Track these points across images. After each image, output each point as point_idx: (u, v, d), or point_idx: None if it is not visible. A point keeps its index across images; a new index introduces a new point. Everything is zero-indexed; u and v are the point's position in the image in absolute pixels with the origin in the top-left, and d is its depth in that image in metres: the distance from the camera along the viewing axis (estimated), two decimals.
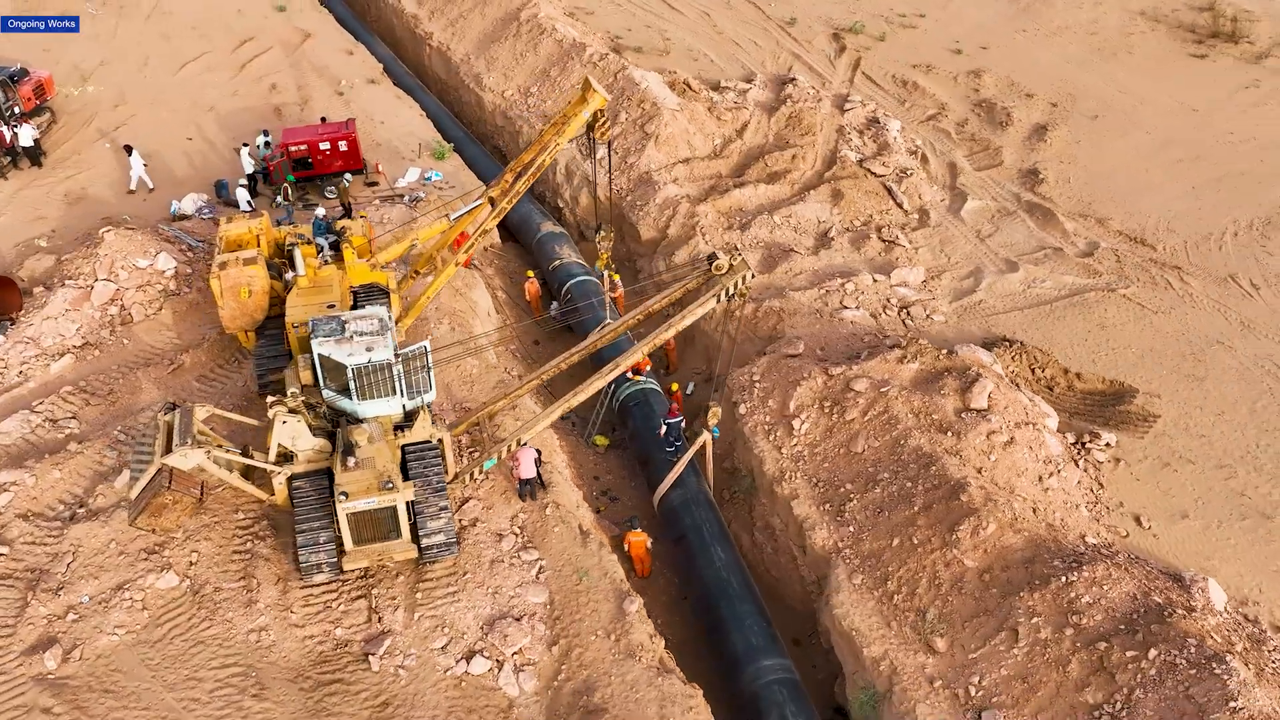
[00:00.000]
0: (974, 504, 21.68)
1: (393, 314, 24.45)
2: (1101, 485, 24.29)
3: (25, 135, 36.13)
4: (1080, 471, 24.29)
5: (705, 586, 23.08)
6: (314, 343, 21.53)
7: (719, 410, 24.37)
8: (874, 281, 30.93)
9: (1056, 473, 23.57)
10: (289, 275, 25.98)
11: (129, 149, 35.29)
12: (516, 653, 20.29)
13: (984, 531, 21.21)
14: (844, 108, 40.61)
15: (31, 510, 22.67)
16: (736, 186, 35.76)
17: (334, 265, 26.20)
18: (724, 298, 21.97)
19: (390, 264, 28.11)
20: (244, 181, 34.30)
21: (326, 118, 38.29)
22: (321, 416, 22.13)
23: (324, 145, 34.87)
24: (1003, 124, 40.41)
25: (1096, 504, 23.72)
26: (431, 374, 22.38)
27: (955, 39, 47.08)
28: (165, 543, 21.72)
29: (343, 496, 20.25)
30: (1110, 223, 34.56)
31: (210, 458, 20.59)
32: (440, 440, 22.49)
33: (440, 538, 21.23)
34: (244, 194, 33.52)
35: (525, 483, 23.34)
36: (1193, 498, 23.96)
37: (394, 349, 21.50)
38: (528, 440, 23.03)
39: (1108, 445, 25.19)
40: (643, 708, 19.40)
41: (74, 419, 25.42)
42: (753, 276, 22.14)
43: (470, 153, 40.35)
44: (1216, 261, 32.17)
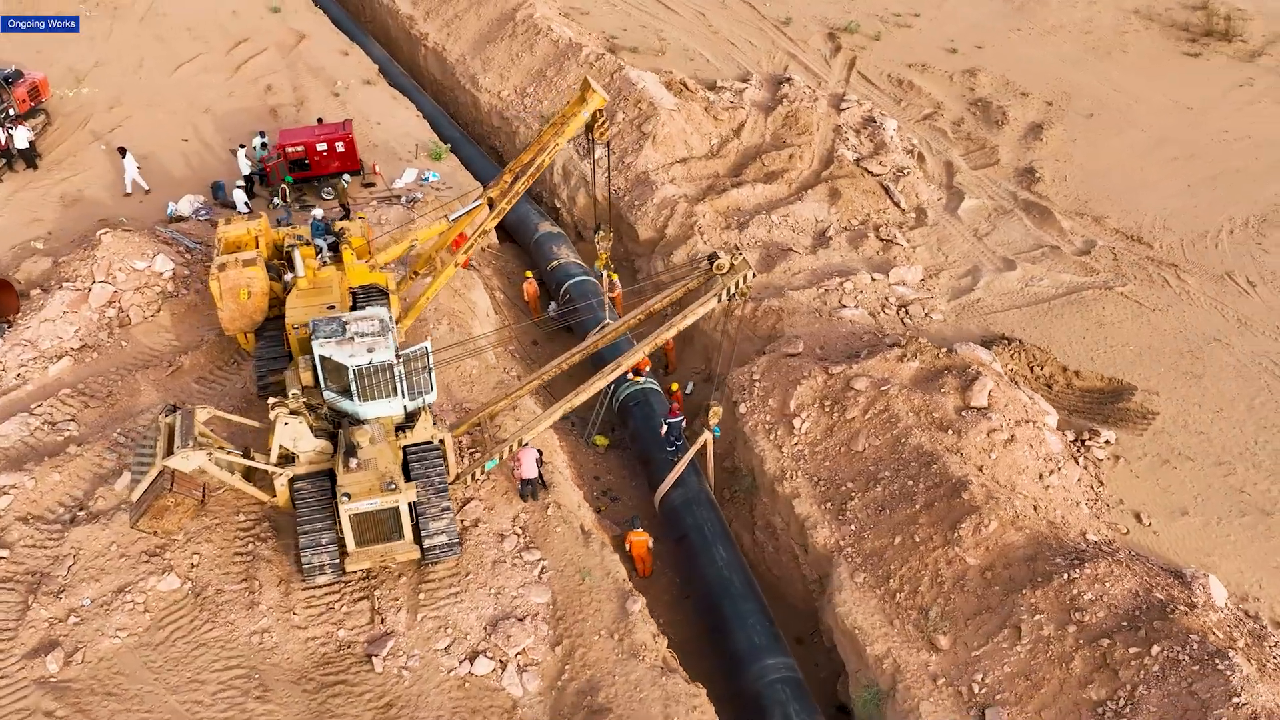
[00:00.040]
0: (975, 502, 21.72)
1: (392, 315, 24.41)
2: (1101, 482, 24.35)
3: (20, 137, 36.02)
4: (1080, 469, 24.36)
5: (707, 586, 23.09)
6: (315, 344, 21.51)
7: (720, 409, 24.36)
8: (872, 280, 30.96)
9: (1057, 470, 23.63)
10: (288, 277, 25.95)
11: (123, 151, 35.19)
12: (520, 653, 20.29)
13: (986, 529, 21.26)
14: (840, 107, 40.64)
15: (31, 513, 22.61)
16: (734, 186, 35.75)
17: (333, 266, 26.16)
18: (725, 297, 22.01)
19: (389, 265, 28.08)
20: (241, 183, 34.19)
21: (323, 118, 38.21)
22: (323, 418, 22.12)
23: (321, 146, 34.78)
24: (998, 123, 40.46)
25: (1097, 501, 23.79)
26: (433, 375, 22.38)
27: (950, 38, 47.13)
28: (166, 545, 21.67)
29: (345, 498, 20.21)
30: (1107, 221, 34.64)
31: (211, 459, 20.59)
32: (442, 441, 22.49)
33: (443, 538, 21.21)
34: (241, 195, 33.42)
35: (527, 483, 23.32)
36: (1192, 494, 24.05)
37: (395, 350, 21.51)
38: (529, 441, 23.04)
39: (1107, 443, 25.27)
40: (647, 707, 19.41)
41: (73, 421, 25.35)
42: (754, 276, 22.21)
43: (467, 153, 40.23)
44: (1213, 259, 32.28)
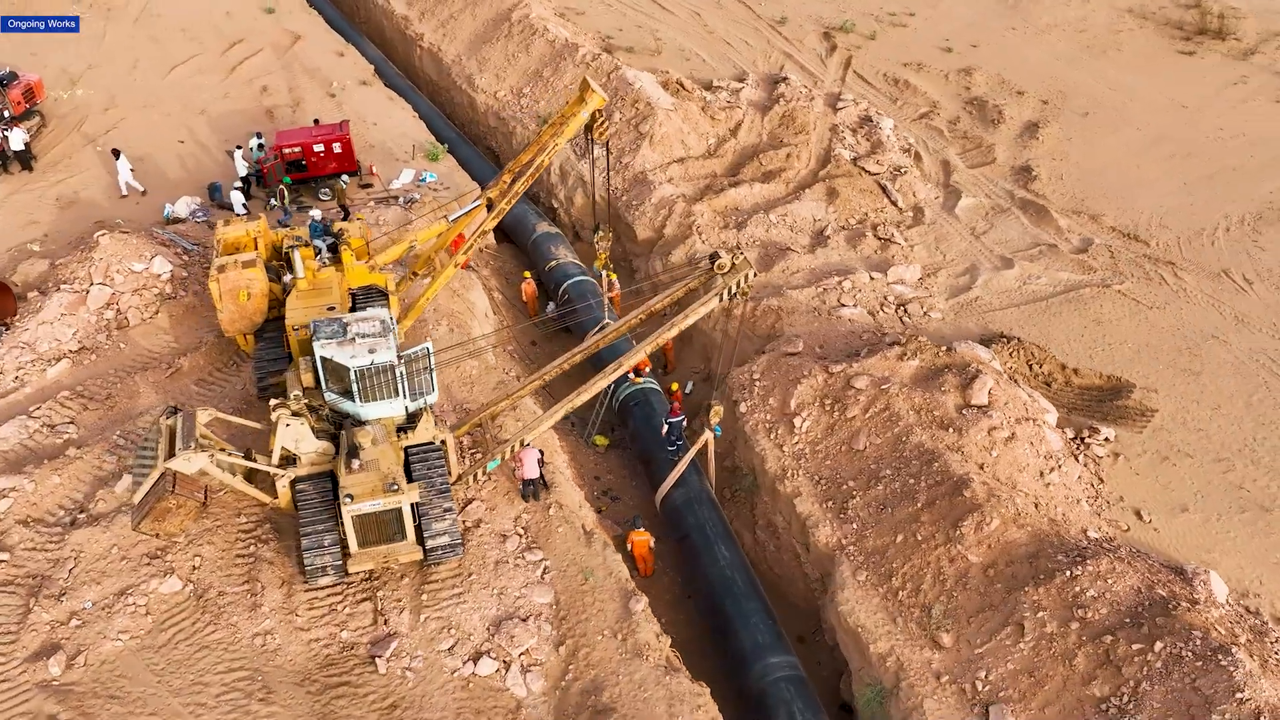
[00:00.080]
0: (977, 500, 21.76)
1: (392, 316, 24.36)
2: (1101, 480, 24.42)
3: (15, 139, 35.89)
4: (1080, 466, 24.43)
5: (710, 585, 23.11)
6: (316, 345, 21.48)
7: (721, 409, 24.37)
8: (871, 279, 30.99)
9: (1057, 468, 23.68)
10: (287, 278, 25.92)
11: (116, 153, 35.09)
12: (523, 653, 20.28)
13: (987, 527, 21.30)
14: (836, 106, 40.69)
15: (31, 516, 22.53)
16: (732, 186, 35.76)
17: (332, 268, 26.12)
18: (726, 297, 22.03)
19: (387, 266, 28.03)
20: (238, 184, 34.13)
21: (319, 119, 38.14)
22: (324, 419, 22.08)
23: (318, 147, 34.68)
24: (994, 121, 40.54)
25: (1097, 498, 23.85)
26: (434, 375, 22.37)
27: (945, 37, 47.23)
28: (167, 547, 21.63)
29: (348, 499, 20.17)
30: (1103, 219, 34.72)
31: (213, 461, 20.56)
32: (443, 442, 22.48)
33: (445, 539, 21.19)
34: (239, 197, 33.33)
35: (528, 483, 23.32)
36: (1192, 491, 24.13)
37: (396, 351, 21.49)
38: (531, 441, 23.03)
39: (1107, 440, 25.33)
40: (651, 706, 19.43)
41: (72, 424, 25.27)
42: (755, 275, 22.22)
43: (463, 154, 40.17)
44: (1209, 257, 32.38)
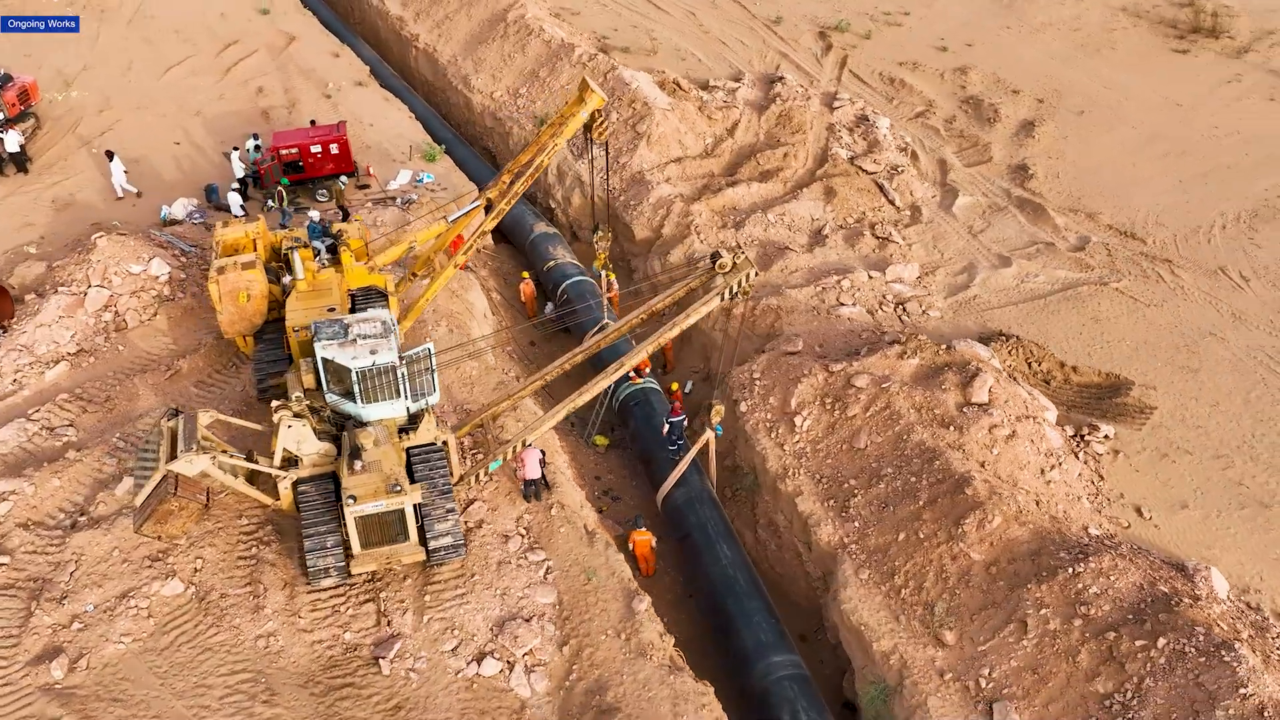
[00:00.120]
0: (979, 497, 21.82)
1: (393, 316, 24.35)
2: (1102, 477, 24.50)
3: (11, 141, 35.72)
4: (1080, 464, 24.49)
5: (712, 584, 23.12)
6: (317, 346, 21.46)
7: (722, 408, 24.40)
8: (869, 278, 31.04)
9: (1058, 465, 23.75)
10: (286, 279, 25.87)
11: (110, 155, 34.99)
12: (527, 653, 20.27)
13: (989, 525, 21.35)
14: (833, 106, 40.74)
15: (32, 519, 22.45)
16: (729, 185, 35.79)
17: (332, 269, 26.08)
18: (727, 296, 22.05)
19: (387, 266, 28.00)
20: (236, 186, 34.04)
21: (316, 120, 38.07)
22: (326, 420, 22.05)
23: (315, 148, 34.64)
24: (990, 120, 40.62)
25: (1098, 496, 23.93)
26: (435, 376, 22.35)
27: (940, 36, 47.30)
28: (169, 550, 21.57)
29: (351, 500, 20.14)
30: (1100, 217, 34.82)
31: (215, 463, 20.51)
32: (445, 443, 22.46)
33: (448, 540, 21.16)
34: (236, 198, 33.23)
35: (530, 484, 23.31)
36: (1191, 488, 24.21)
37: (398, 351, 21.47)
38: (532, 441, 23.02)
39: (1106, 437, 25.41)
40: (656, 706, 19.43)
41: (71, 427, 25.17)
42: (756, 274, 22.25)
43: (460, 154, 40.13)
44: (1206, 254, 32.50)
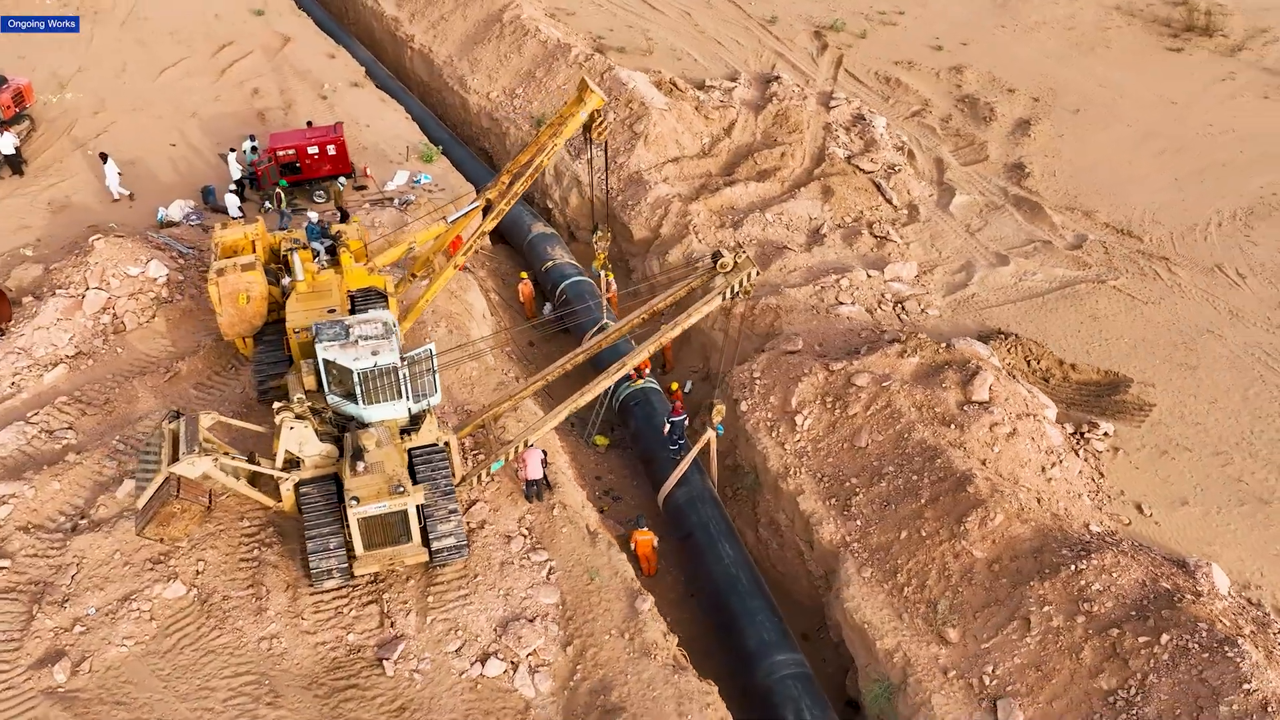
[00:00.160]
0: (981, 495, 21.86)
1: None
2: (1102, 474, 24.56)
3: (6, 143, 35.65)
4: (1081, 461, 24.55)
5: (714, 583, 23.13)
6: (319, 347, 21.42)
7: (723, 407, 24.42)
8: (868, 277, 31.08)
9: (1058, 463, 23.80)
10: (285, 281, 25.83)
11: (104, 157, 34.89)
12: (531, 654, 20.26)
13: (992, 522, 21.39)
14: (829, 105, 40.81)
15: (32, 522, 22.36)
16: (727, 185, 35.82)
17: (331, 270, 26.03)
18: (729, 296, 22.07)
19: (386, 267, 27.97)
20: (233, 187, 33.97)
21: (312, 122, 38.00)
22: (327, 422, 22.01)
23: (312, 149, 34.59)
24: (986, 119, 40.73)
25: (1098, 493, 23.99)
26: (437, 377, 22.33)
27: (935, 35, 47.45)
28: (170, 552, 21.51)
29: (354, 501, 20.10)
30: (1097, 215, 34.94)
31: (217, 465, 20.47)
32: (447, 443, 22.45)
33: (450, 540, 21.14)
34: (234, 200, 33.15)
35: (531, 484, 23.30)
36: (1191, 485, 24.29)
37: (399, 352, 21.45)
38: (534, 441, 23.01)
39: (1106, 435, 25.47)
40: (660, 705, 19.42)
41: (70, 429, 25.08)
42: (757, 274, 22.28)
43: (457, 155, 40.09)
44: (1202, 251, 32.62)
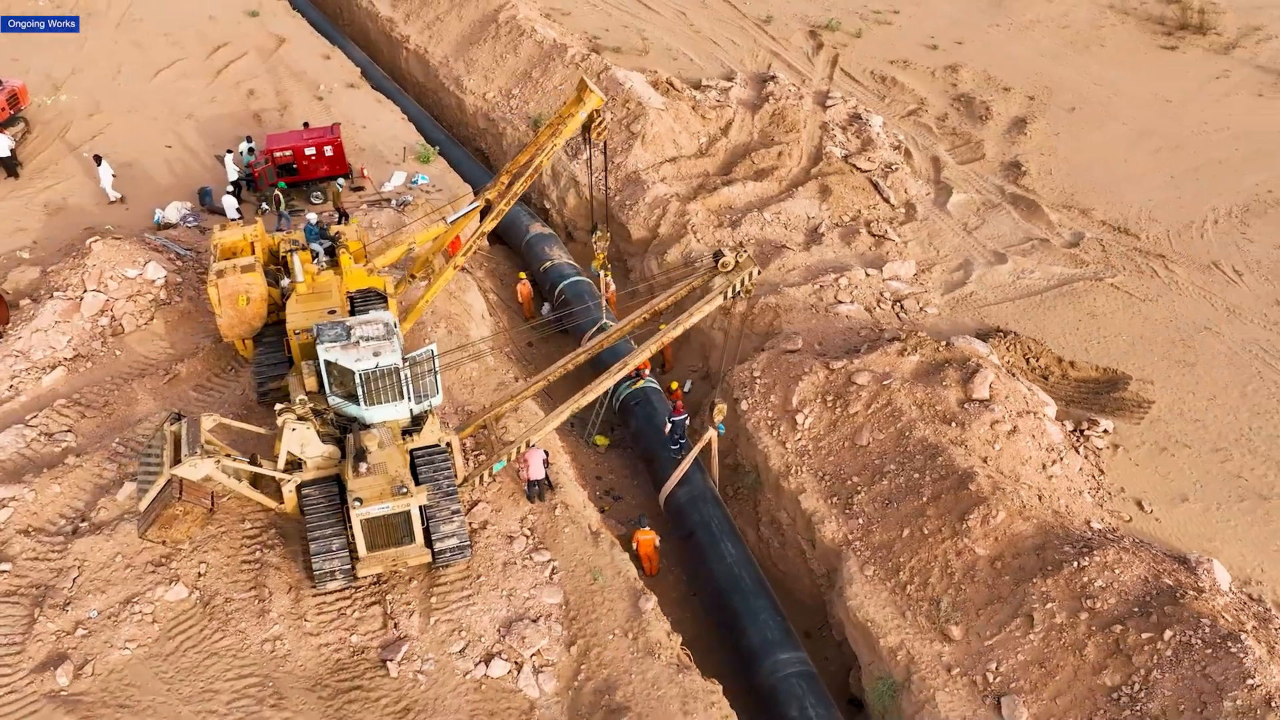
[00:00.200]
0: (982, 493, 21.90)
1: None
2: (1102, 471, 24.63)
3: (1, 146, 35.50)
4: (1081, 458, 24.62)
5: (717, 582, 23.14)
6: (320, 349, 21.38)
7: (724, 407, 24.40)
8: (866, 276, 31.12)
9: (1059, 460, 23.86)
10: (285, 282, 25.78)
11: (98, 159, 34.78)
12: (535, 654, 20.25)
13: (994, 520, 21.44)
14: (826, 104, 40.86)
15: (32, 525, 22.28)
16: (725, 184, 35.84)
17: (330, 271, 25.99)
18: (730, 295, 22.08)
19: (386, 268, 27.93)
20: (230, 189, 33.89)
21: (309, 123, 37.91)
22: (329, 423, 21.97)
23: (309, 151, 34.52)
24: (982, 118, 40.85)
25: (1099, 490, 24.06)
26: (438, 378, 22.30)
27: (930, 34, 47.57)
28: (172, 555, 21.46)
29: (357, 502, 20.06)
30: (1094, 213, 35.04)
31: (219, 467, 20.41)
32: (449, 444, 22.43)
33: (453, 541, 21.12)
34: (231, 201, 33.06)
35: (533, 484, 23.29)
36: (1191, 481, 24.38)
37: (401, 353, 21.43)
38: (536, 442, 23.00)
39: (1105, 432, 25.55)
40: (665, 704, 19.43)
41: (70, 432, 24.98)
42: (758, 273, 22.29)
43: (453, 155, 40.02)
44: (1199, 249, 32.74)
